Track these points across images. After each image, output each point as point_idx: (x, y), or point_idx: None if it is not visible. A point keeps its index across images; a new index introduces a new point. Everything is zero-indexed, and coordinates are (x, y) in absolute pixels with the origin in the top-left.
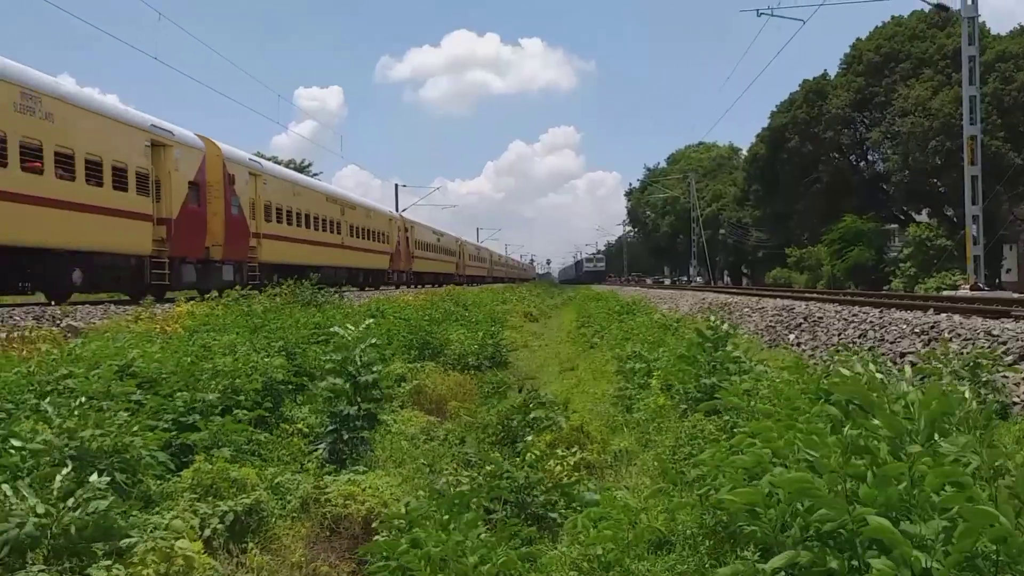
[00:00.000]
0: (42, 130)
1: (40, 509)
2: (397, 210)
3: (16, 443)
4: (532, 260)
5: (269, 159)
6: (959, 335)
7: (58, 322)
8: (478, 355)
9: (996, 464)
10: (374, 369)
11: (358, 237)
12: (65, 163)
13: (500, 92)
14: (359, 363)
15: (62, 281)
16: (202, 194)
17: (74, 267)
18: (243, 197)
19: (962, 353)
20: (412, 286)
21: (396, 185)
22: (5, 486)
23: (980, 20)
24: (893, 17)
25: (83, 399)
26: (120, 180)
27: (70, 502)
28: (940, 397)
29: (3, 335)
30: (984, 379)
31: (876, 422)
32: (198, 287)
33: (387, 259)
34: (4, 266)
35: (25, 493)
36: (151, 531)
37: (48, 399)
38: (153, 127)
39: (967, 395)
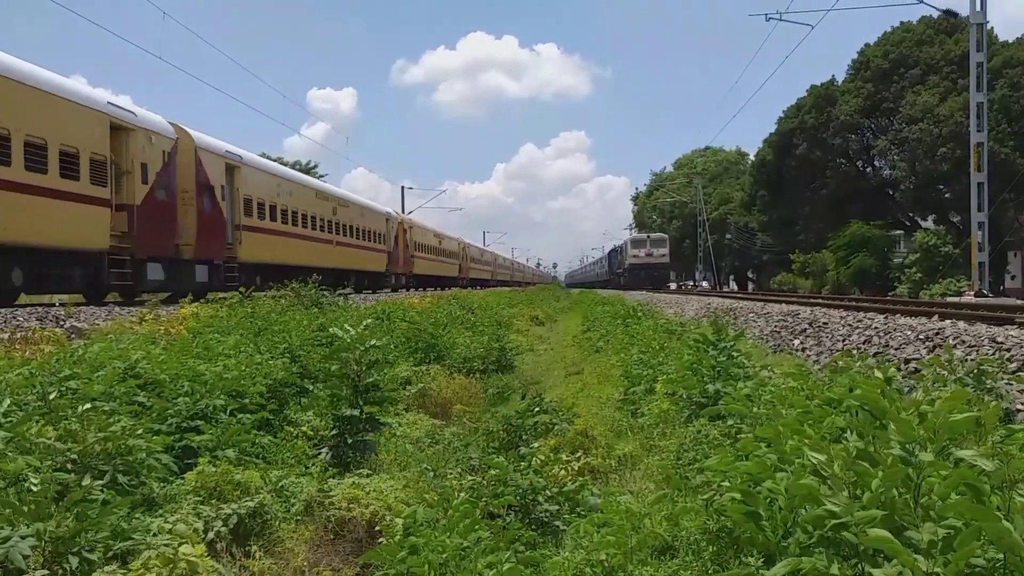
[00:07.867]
0: None
1: (38, 512)
2: (404, 212)
3: (16, 446)
4: (539, 263)
5: (274, 160)
6: (964, 342)
7: (62, 323)
8: (484, 359)
9: (1015, 473)
10: (375, 372)
11: (351, 236)
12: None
13: (514, 95)
14: (359, 365)
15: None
16: (171, 185)
17: (13, 265)
18: (219, 190)
19: (967, 360)
20: (411, 289)
21: (403, 187)
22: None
23: (988, 26)
24: (902, 23)
25: (87, 401)
26: (70, 166)
27: (65, 502)
28: (962, 405)
29: (6, 336)
30: (989, 386)
31: (890, 429)
32: (168, 288)
33: (384, 260)
34: None
35: (19, 499)
36: (153, 535)
37: (51, 401)
38: (111, 107)
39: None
